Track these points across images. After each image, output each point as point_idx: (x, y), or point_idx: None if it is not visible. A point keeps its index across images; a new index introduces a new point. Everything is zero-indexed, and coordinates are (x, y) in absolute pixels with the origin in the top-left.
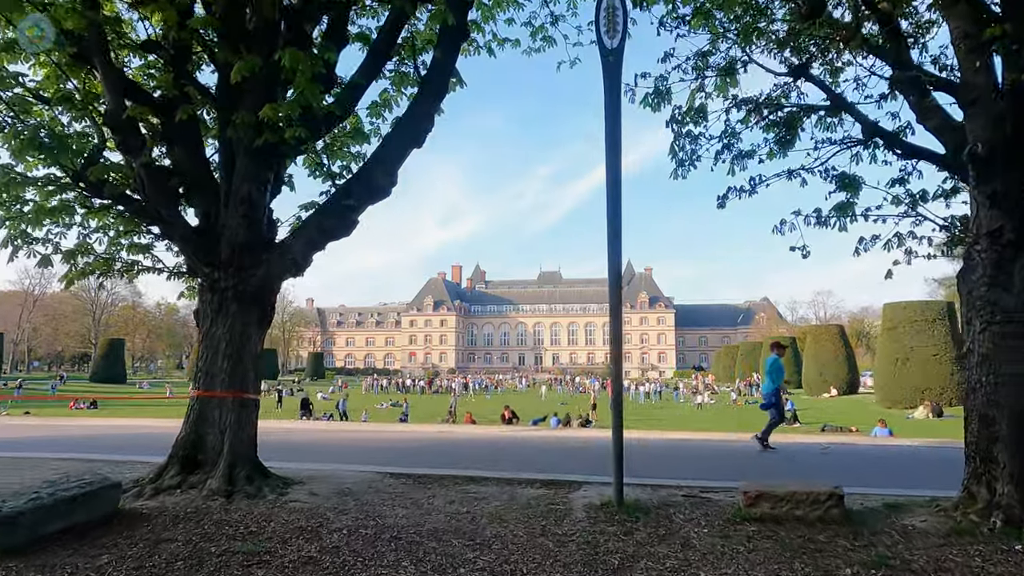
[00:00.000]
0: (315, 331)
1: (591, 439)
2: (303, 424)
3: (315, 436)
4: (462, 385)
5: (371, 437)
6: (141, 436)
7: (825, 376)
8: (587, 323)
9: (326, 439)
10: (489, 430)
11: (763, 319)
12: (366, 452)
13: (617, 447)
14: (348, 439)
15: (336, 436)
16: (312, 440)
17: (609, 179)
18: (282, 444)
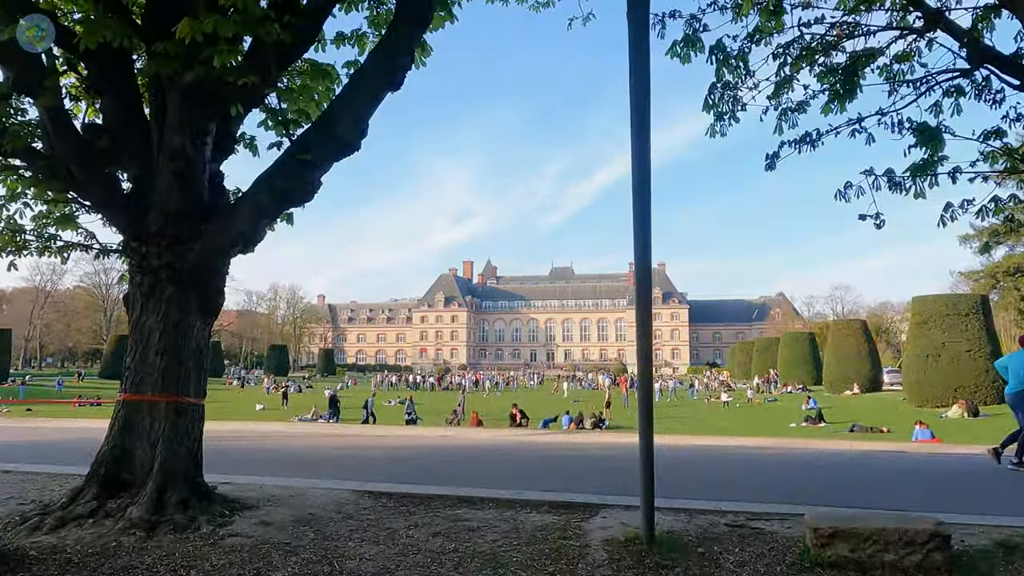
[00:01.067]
0: (326, 327)
1: (608, 445)
2: (306, 427)
3: (307, 442)
4: (472, 382)
5: (365, 443)
6: None
7: (847, 373)
8: (599, 319)
9: (317, 445)
10: (495, 435)
11: (778, 315)
12: (353, 462)
13: (646, 465)
14: (340, 444)
15: (330, 441)
16: (302, 447)
17: (635, 147)
18: (262, 452)
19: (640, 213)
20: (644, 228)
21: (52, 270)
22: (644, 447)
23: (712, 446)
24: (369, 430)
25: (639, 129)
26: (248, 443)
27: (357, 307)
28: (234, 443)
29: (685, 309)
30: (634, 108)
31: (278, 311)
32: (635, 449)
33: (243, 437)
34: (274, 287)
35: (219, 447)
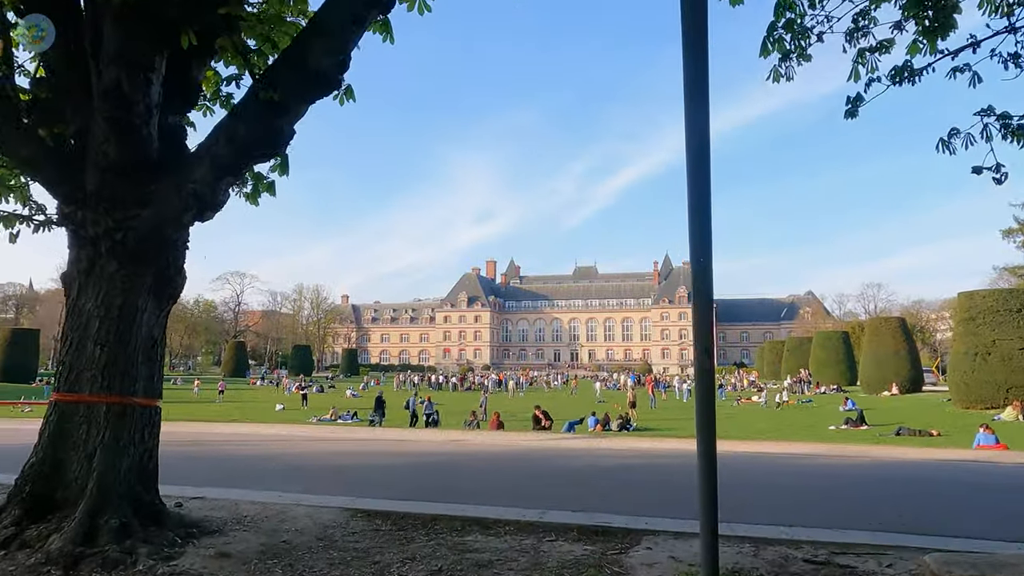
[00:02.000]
0: (350, 327)
1: (641, 452)
2: (318, 430)
3: (312, 447)
4: (495, 382)
5: (374, 448)
6: None
7: (884, 372)
8: (624, 318)
9: (320, 451)
10: (516, 439)
11: (808, 314)
12: (354, 472)
13: (707, 486)
14: (346, 450)
15: (337, 446)
16: (303, 453)
17: (691, 115)
18: (258, 459)
19: (697, 197)
20: (702, 214)
21: None
22: (704, 465)
23: (758, 453)
24: (381, 433)
25: (694, 93)
26: (249, 449)
27: (380, 307)
28: (235, 449)
29: (712, 309)
30: (688, 72)
31: (302, 311)
32: (672, 456)
33: (247, 442)
34: (299, 287)
35: (214, 453)
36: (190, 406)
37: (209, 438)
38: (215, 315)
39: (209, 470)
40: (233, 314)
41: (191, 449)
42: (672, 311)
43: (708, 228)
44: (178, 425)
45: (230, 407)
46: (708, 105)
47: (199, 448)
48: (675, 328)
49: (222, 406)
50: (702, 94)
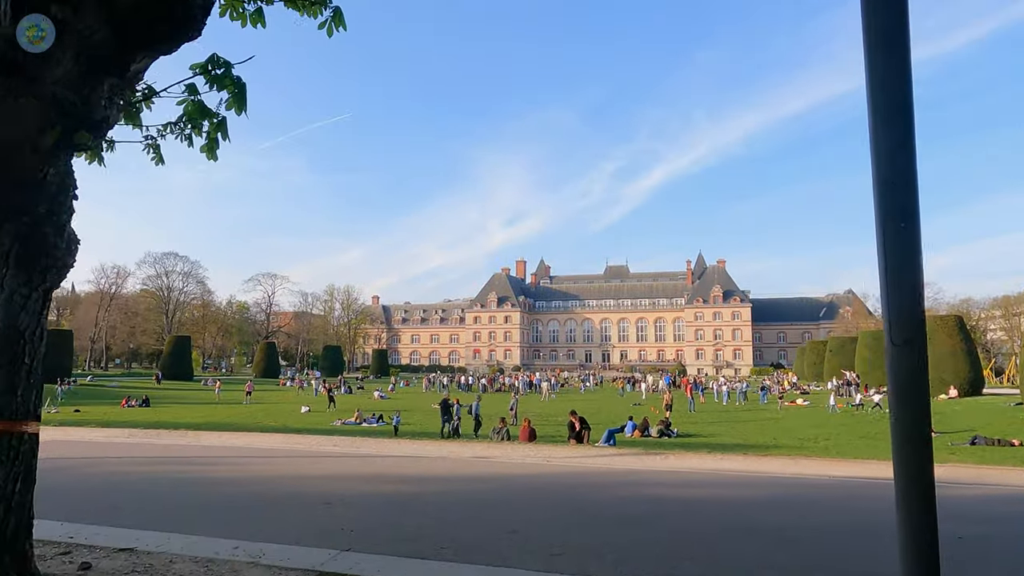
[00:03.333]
0: (380, 328)
1: (724, 477)
2: (324, 444)
3: (303, 468)
4: (526, 383)
5: (380, 471)
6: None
7: (941, 374)
8: (657, 318)
9: (314, 474)
10: (553, 455)
11: (848, 313)
12: (348, 507)
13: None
14: (346, 474)
15: (338, 466)
16: (293, 475)
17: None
18: (216, 485)
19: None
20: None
21: (116, 273)
22: (924, 529)
23: (876, 480)
24: (397, 447)
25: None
26: (229, 470)
27: (411, 308)
28: (211, 470)
29: (747, 308)
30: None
31: (333, 312)
32: (782, 484)
33: (231, 459)
34: (330, 288)
35: (185, 476)
36: (215, 408)
37: (196, 454)
38: (247, 316)
39: (163, 502)
40: (265, 315)
41: (159, 471)
42: (706, 311)
43: (913, 173)
44: (172, 437)
45: (256, 409)
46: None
47: (169, 469)
48: (709, 328)
49: (248, 407)
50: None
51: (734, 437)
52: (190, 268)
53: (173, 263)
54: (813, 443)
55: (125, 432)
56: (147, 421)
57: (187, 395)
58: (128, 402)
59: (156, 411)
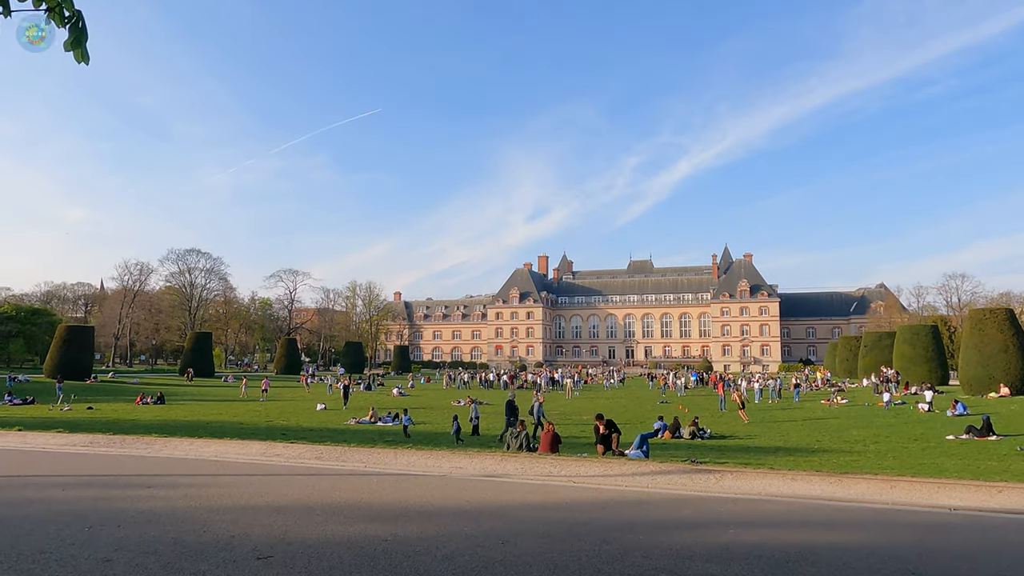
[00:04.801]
0: (402, 324)
1: (785, 510)
2: (306, 456)
3: (267, 496)
4: (548, 380)
5: (345, 499)
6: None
7: (991, 371)
8: (681, 313)
9: (262, 502)
10: (575, 472)
11: (880, 308)
12: (277, 560)
13: None
14: (311, 504)
15: (305, 493)
16: (245, 505)
17: None
18: (159, 522)
19: None
20: None
21: (140, 270)
22: None
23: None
24: (392, 460)
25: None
26: (154, 497)
27: (433, 304)
28: (125, 497)
29: (775, 303)
30: None
31: (355, 309)
32: (866, 522)
33: (178, 476)
34: (352, 284)
35: (85, 508)
36: (230, 406)
37: (144, 470)
38: (270, 312)
39: (33, 552)
40: (287, 311)
41: (71, 498)
42: (732, 306)
43: None
44: (136, 446)
45: (271, 407)
46: None
47: (87, 496)
48: (736, 323)
49: (264, 405)
50: None
51: (773, 439)
52: (212, 265)
53: (196, 260)
54: (863, 446)
55: (87, 439)
56: (151, 420)
57: (207, 392)
58: (143, 399)
59: (170, 408)
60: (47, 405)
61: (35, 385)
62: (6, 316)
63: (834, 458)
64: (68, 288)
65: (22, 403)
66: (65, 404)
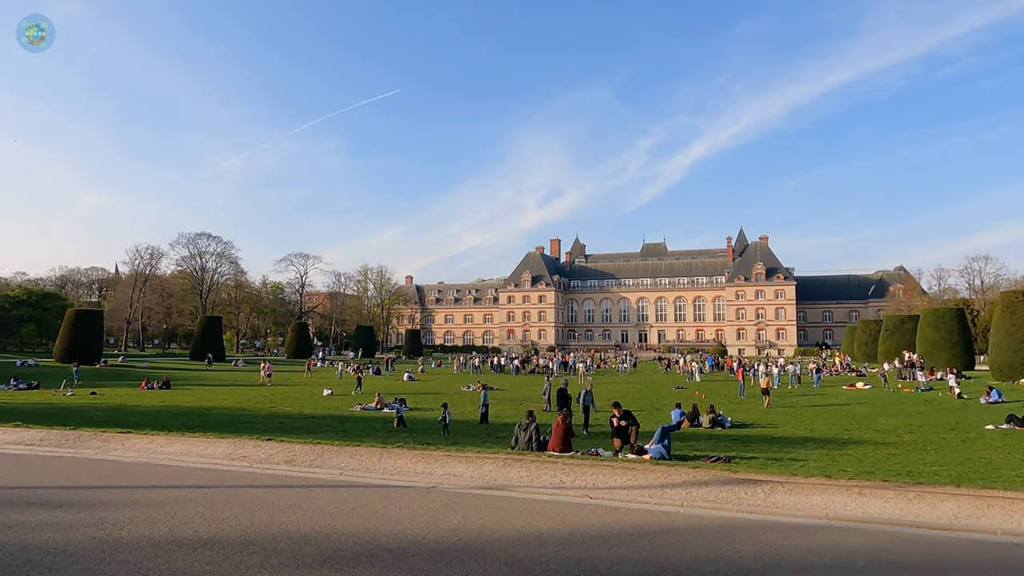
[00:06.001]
0: (414, 308)
1: (871, 541)
2: (293, 461)
3: (196, 518)
4: (560, 364)
5: (297, 528)
6: None
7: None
8: (696, 297)
9: (185, 534)
10: (590, 483)
11: (899, 291)
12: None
13: None
14: (240, 535)
15: (236, 520)
16: (152, 539)
17: None
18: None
19: None
20: None
21: (151, 254)
22: None
23: None
24: (370, 465)
25: None
26: (44, 530)
27: (444, 288)
28: (11, 525)
29: (791, 286)
30: None
31: (367, 293)
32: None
33: (110, 489)
34: (363, 268)
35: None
36: (234, 391)
37: (70, 480)
38: (281, 296)
39: None
40: (298, 295)
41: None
42: (748, 289)
43: None
44: (90, 444)
45: (276, 391)
46: None
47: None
48: (751, 307)
49: (269, 390)
50: None
51: (798, 428)
52: (223, 248)
53: (206, 243)
54: (896, 436)
55: (39, 435)
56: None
57: (215, 376)
58: (148, 384)
59: (174, 394)
60: (51, 390)
61: (43, 369)
62: (18, 300)
63: (869, 451)
64: (82, 273)
65: (27, 388)
66: (68, 389)
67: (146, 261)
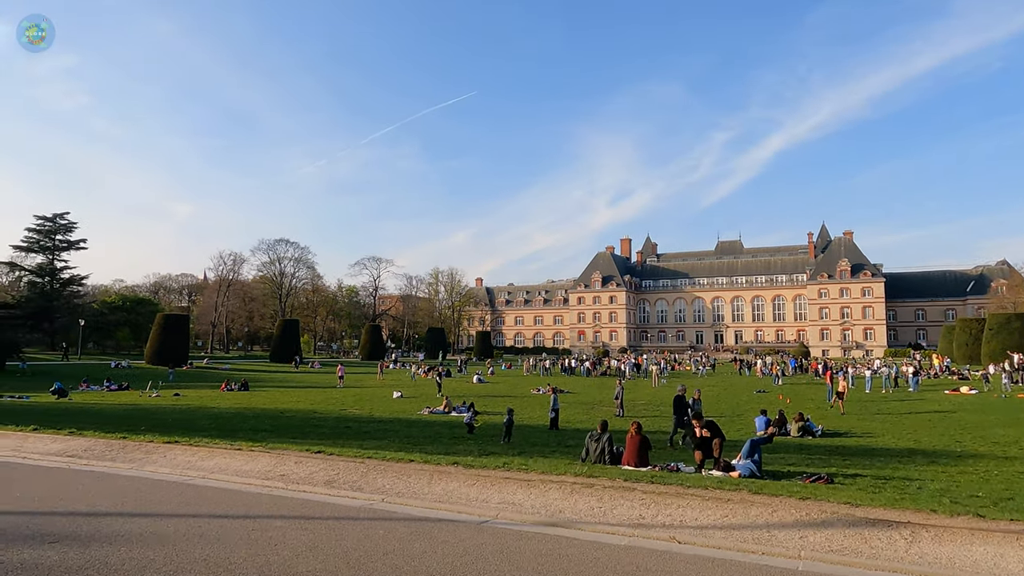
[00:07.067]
0: (484, 310)
1: None
2: (333, 483)
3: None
4: (633, 366)
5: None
6: None
7: None
8: (775, 296)
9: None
10: (676, 520)
11: (1003, 287)
12: None
13: None
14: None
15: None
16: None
17: None
18: None
19: None
20: None
21: (233, 260)
22: None
23: None
24: (417, 489)
25: None
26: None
27: (514, 289)
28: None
29: (879, 283)
30: None
31: (438, 295)
32: None
33: (108, 517)
34: (434, 271)
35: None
36: (308, 393)
37: (82, 505)
38: (356, 300)
39: None
40: (371, 298)
41: None
42: (831, 287)
43: None
44: (130, 455)
45: (347, 393)
46: None
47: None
48: (835, 306)
49: (340, 392)
50: None
51: (900, 438)
52: (300, 254)
53: (284, 249)
54: (1019, 449)
55: (84, 444)
56: (228, 407)
57: (291, 378)
58: (228, 385)
59: (252, 395)
60: (138, 391)
61: (135, 371)
62: (114, 306)
63: (993, 468)
64: (173, 279)
65: (118, 388)
66: (154, 391)
67: (229, 267)
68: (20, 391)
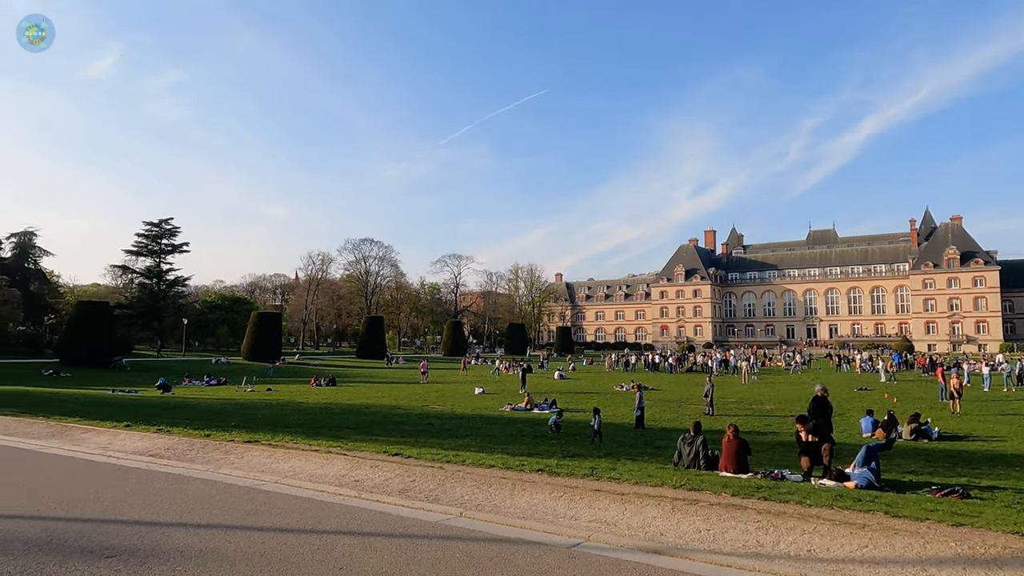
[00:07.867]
0: (564, 305)
1: None
2: (408, 492)
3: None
4: (720, 362)
5: None
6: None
7: None
8: (873, 287)
9: None
10: (796, 546)
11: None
12: None
13: None
14: None
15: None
16: None
17: None
18: None
19: None
20: None
21: (322, 260)
22: None
23: None
24: (499, 502)
25: None
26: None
27: (594, 284)
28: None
29: (994, 272)
30: None
31: (518, 291)
32: None
33: (152, 528)
34: (514, 267)
35: None
36: (392, 388)
37: (143, 513)
38: (437, 296)
39: None
40: (453, 295)
41: None
42: (938, 277)
43: None
44: (211, 456)
45: (430, 389)
46: None
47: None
48: (942, 297)
49: (424, 388)
50: None
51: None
52: (384, 253)
53: (369, 248)
54: None
55: (169, 441)
56: (316, 402)
57: (377, 374)
58: (316, 381)
59: (338, 391)
60: (235, 386)
61: (233, 367)
62: (214, 305)
63: None
64: (267, 279)
65: (216, 384)
66: (248, 386)
67: (318, 266)
68: (130, 386)
